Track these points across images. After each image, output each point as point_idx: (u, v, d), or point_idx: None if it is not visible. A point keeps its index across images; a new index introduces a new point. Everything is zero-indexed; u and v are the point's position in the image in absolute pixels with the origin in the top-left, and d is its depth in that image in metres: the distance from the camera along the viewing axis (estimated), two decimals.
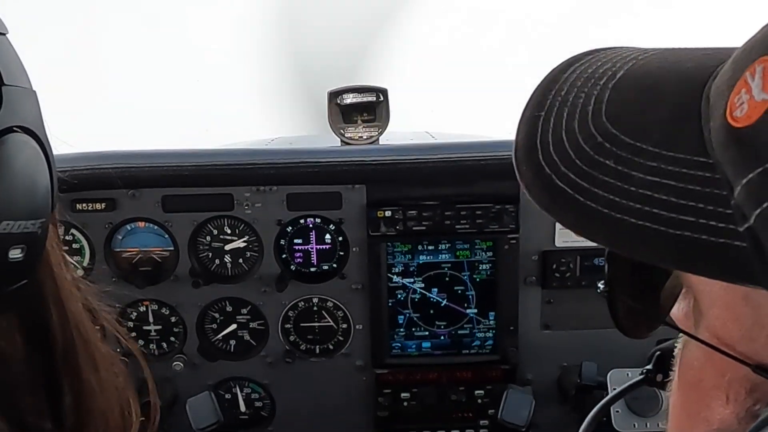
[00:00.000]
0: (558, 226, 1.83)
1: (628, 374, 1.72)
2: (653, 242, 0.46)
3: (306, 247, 1.88)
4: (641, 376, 1.00)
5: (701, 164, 0.46)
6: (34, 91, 0.67)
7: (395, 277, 1.87)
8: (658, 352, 0.98)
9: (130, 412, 0.78)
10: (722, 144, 0.45)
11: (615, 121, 0.51)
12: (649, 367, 0.99)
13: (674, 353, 0.61)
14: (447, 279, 1.87)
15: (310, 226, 1.87)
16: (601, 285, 0.67)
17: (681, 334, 0.58)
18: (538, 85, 0.59)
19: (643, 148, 0.48)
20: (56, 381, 0.69)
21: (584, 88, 0.56)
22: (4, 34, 0.64)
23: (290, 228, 1.87)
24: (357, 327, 1.92)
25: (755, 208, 0.41)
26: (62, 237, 1.84)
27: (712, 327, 0.52)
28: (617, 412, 1.73)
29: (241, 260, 1.89)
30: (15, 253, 0.61)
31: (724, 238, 0.43)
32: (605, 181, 0.49)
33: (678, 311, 0.62)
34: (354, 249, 1.86)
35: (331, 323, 1.93)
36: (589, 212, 0.49)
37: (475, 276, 1.87)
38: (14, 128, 0.62)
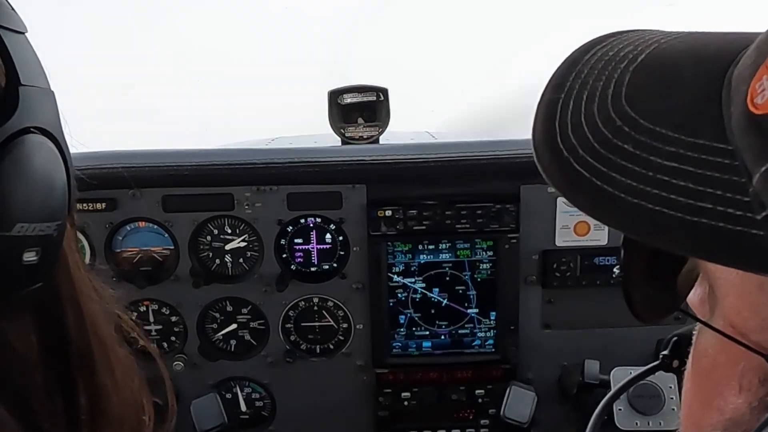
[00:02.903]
0: (558, 225, 1.83)
1: (630, 372, 1.72)
2: (670, 228, 0.45)
3: (306, 246, 1.88)
4: (658, 361, 1.00)
5: (721, 150, 0.45)
6: (52, 92, 0.66)
7: (396, 276, 1.87)
8: (675, 338, 0.97)
9: (146, 417, 0.77)
10: (742, 130, 0.44)
11: (634, 105, 0.51)
12: (665, 352, 0.98)
13: (692, 339, 0.60)
14: (448, 278, 1.87)
15: (311, 225, 1.87)
16: (616, 270, 0.66)
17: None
18: (559, 67, 0.59)
19: (662, 133, 0.48)
20: (72, 384, 0.69)
21: (605, 71, 0.55)
22: (22, 33, 0.63)
23: (291, 228, 1.87)
24: (357, 327, 1.92)
25: None
26: None
27: (727, 315, 0.51)
28: (620, 410, 1.73)
29: (241, 260, 1.89)
30: (30, 256, 0.60)
31: (741, 226, 0.42)
32: (623, 166, 0.48)
33: (694, 297, 0.61)
34: (354, 248, 1.86)
35: (332, 323, 1.93)
36: (605, 197, 0.48)
37: (475, 276, 1.87)
38: (31, 129, 0.61)
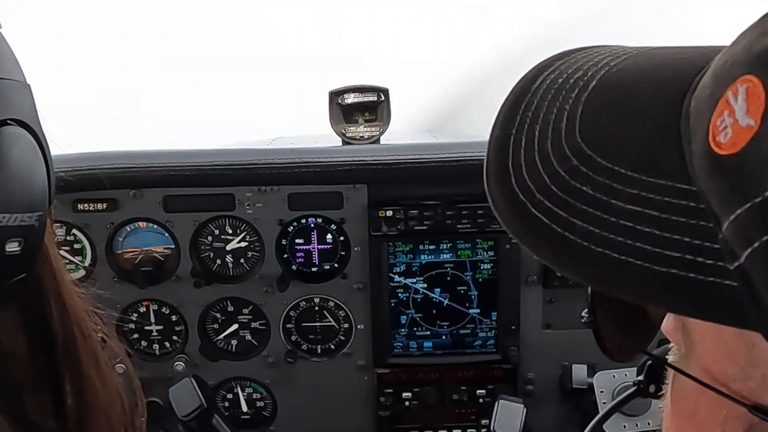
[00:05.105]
0: None
1: (613, 375, 1.71)
2: (637, 280, 0.42)
3: (307, 246, 1.88)
4: (633, 388, 0.97)
5: (684, 192, 0.42)
6: (29, 85, 0.66)
7: (397, 276, 1.87)
8: (649, 362, 0.94)
9: (130, 407, 0.78)
10: (706, 173, 0.41)
11: (589, 141, 0.48)
12: (640, 378, 0.95)
13: (667, 360, 0.57)
14: (449, 279, 1.87)
15: (312, 225, 1.87)
16: (584, 314, 0.63)
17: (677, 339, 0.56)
18: (507, 98, 0.55)
19: (620, 173, 0.45)
20: (58, 377, 0.69)
21: (556, 102, 0.51)
22: None
23: (292, 228, 1.87)
24: (358, 327, 1.92)
25: (746, 247, 0.37)
26: (64, 237, 1.84)
27: (704, 362, 0.49)
28: None
29: (242, 260, 1.89)
30: (12, 247, 0.61)
31: (713, 277, 0.39)
32: (584, 211, 0.45)
33: (668, 324, 0.58)
34: (355, 249, 1.86)
35: (333, 323, 1.93)
36: (567, 245, 0.45)
37: (477, 276, 1.87)
38: (8, 121, 0.61)
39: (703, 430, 0.50)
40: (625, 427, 1.69)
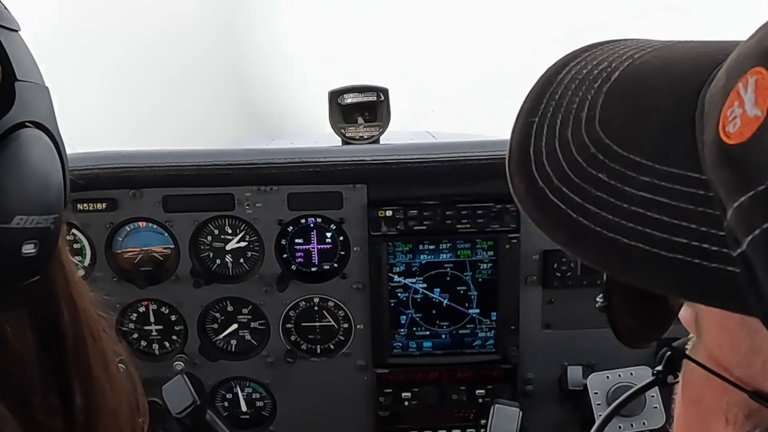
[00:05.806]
0: None
1: (607, 377, 1.71)
2: (646, 265, 0.43)
3: (307, 246, 1.88)
4: (652, 378, 0.98)
5: (695, 181, 0.43)
6: (47, 87, 0.67)
7: (396, 276, 1.87)
8: (669, 353, 0.95)
9: (138, 410, 0.78)
10: (714, 161, 0.42)
11: (608, 130, 0.49)
12: (659, 368, 0.97)
13: (686, 350, 0.59)
14: (448, 279, 1.87)
15: (311, 225, 1.87)
16: (599, 299, 0.64)
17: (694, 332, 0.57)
18: (533, 88, 0.57)
19: (636, 161, 0.46)
20: (67, 379, 0.70)
21: (578, 92, 0.53)
22: (16, 31, 0.65)
23: (291, 228, 1.87)
24: (358, 327, 1.92)
25: (747, 234, 0.38)
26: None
27: (709, 348, 0.50)
28: (600, 416, 1.71)
29: (242, 260, 1.89)
30: (28, 248, 0.61)
31: (717, 263, 0.40)
32: (598, 197, 0.46)
33: (686, 314, 0.59)
34: (355, 249, 1.86)
35: (332, 323, 1.93)
36: (581, 230, 0.46)
37: (476, 276, 1.87)
38: (27, 123, 0.62)
39: (708, 417, 0.51)
40: (620, 428, 1.69)
